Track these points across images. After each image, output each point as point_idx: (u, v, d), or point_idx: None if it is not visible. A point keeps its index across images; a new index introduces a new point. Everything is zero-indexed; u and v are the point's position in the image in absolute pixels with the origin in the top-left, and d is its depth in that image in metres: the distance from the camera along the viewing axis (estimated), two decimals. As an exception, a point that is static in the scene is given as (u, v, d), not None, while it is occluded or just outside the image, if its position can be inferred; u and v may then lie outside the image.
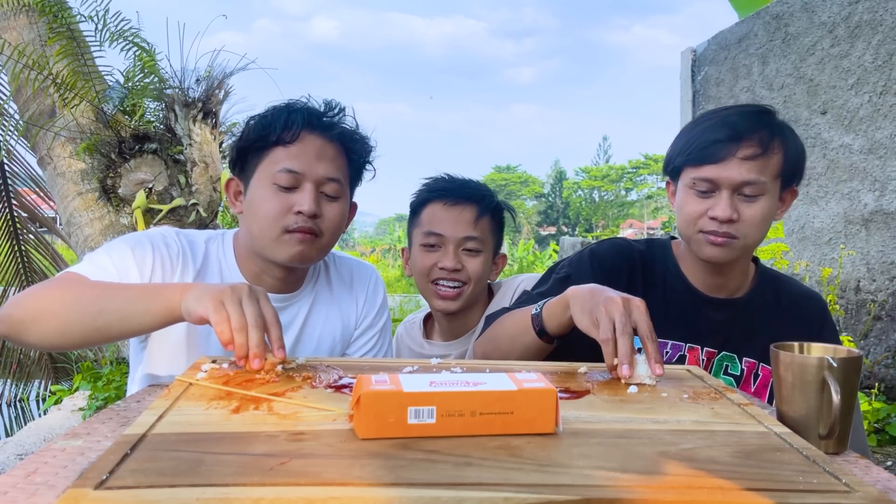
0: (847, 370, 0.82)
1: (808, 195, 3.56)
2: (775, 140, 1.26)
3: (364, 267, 1.51)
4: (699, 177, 1.27)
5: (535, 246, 19.07)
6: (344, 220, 1.34)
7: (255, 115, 1.33)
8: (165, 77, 3.06)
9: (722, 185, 1.25)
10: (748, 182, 1.24)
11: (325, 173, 1.27)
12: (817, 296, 1.45)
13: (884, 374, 3.09)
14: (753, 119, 1.27)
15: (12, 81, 3.04)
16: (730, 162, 1.24)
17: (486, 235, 1.67)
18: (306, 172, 1.26)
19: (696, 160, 1.27)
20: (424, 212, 1.68)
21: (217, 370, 0.93)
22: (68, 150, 3.12)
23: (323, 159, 1.27)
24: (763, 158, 1.24)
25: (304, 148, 1.27)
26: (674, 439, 0.73)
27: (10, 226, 3.91)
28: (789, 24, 3.71)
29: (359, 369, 0.97)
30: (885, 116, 3.13)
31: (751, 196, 1.25)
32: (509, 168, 55.69)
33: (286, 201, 1.25)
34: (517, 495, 0.57)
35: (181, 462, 0.61)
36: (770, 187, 1.26)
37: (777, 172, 1.27)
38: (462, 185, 1.70)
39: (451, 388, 0.72)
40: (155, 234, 1.32)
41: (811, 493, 0.60)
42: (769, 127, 1.27)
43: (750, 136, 1.24)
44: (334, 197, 1.30)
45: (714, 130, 1.27)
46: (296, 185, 1.26)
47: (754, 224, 1.27)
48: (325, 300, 1.43)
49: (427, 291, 1.69)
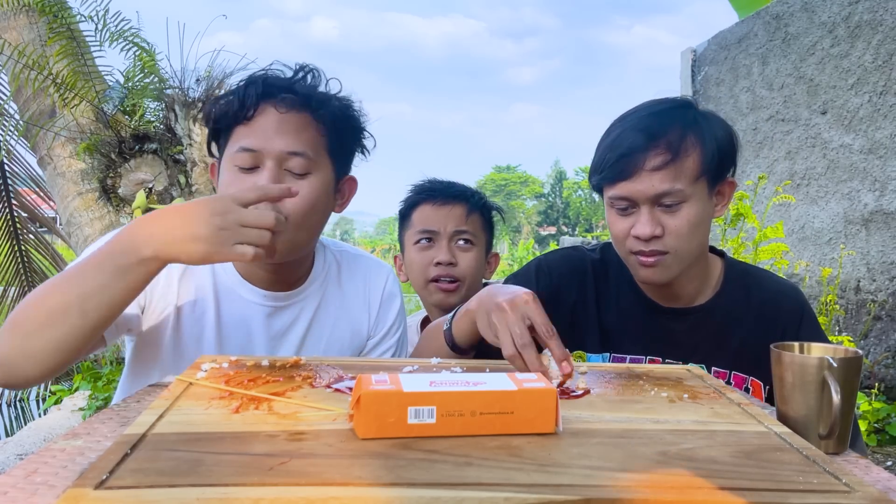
0: (847, 370, 0.82)
1: (808, 195, 3.56)
2: (687, 139, 1.15)
3: (379, 268, 1.39)
4: (614, 195, 1.18)
5: (535, 246, 19.06)
6: (319, 201, 1.18)
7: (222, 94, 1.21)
8: (165, 77, 3.06)
9: (638, 200, 1.17)
10: (663, 193, 1.15)
11: (286, 147, 1.13)
12: (792, 290, 1.32)
13: (884, 374, 3.09)
14: (660, 120, 1.17)
15: (12, 81, 3.04)
16: (639, 176, 1.15)
17: (478, 230, 1.69)
18: (263, 149, 1.13)
19: (609, 178, 1.19)
20: (415, 214, 1.70)
21: (217, 370, 0.93)
22: (68, 150, 3.12)
23: (284, 132, 1.14)
24: (674, 165, 1.14)
25: (263, 122, 1.14)
26: (674, 439, 0.73)
27: (10, 226, 3.91)
28: (789, 24, 3.71)
29: (359, 369, 0.97)
30: (885, 116, 3.13)
31: (671, 206, 1.16)
32: (509, 168, 55.70)
33: (244, 184, 1.12)
34: (517, 495, 0.57)
35: (181, 462, 0.61)
36: (691, 192, 1.16)
37: (696, 174, 1.16)
38: (449, 185, 1.73)
39: (451, 387, 0.72)
40: None
41: (811, 493, 0.60)
42: (679, 125, 1.16)
43: (656, 142, 1.14)
44: (301, 173, 1.15)
45: (619, 142, 1.17)
46: (256, 165, 1.14)
47: (682, 235, 1.17)
48: (335, 302, 1.31)
49: (425, 291, 1.69)
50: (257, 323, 1.25)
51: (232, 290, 1.24)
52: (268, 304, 1.25)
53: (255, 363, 0.98)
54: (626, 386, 0.95)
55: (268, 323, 1.25)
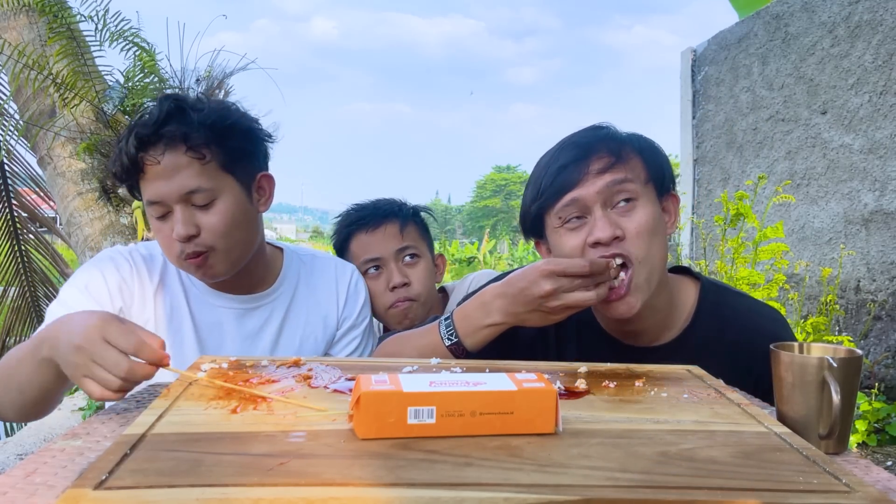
0: (847, 370, 0.82)
1: (808, 195, 3.56)
2: (625, 147, 1.13)
3: (345, 266, 1.51)
4: (562, 204, 1.12)
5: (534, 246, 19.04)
6: (234, 218, 1.23)
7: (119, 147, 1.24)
8: (165, 77, 3.05)
9: (589, 201, 1.10)
10: (615, 187, 1.10)
11: (181, 189, 1.19)
12: (770, 327, 1.19)
13: (884, 374, 3.08)
14: (591, 136, 1.16)
15: (12, 81, 3.04)
16: (586, 179, 1.10)
17: (418, 242, 1.70)
18: (164, 197, 1.19)
19: (552, 195, 1.12)
20: (352, 245, 1.69)
21: (217, 370, 0.93)
22: (68, 150, 3.12)
23: (174, 174, 1.18)
24: (620, 164, 1.11)
25: (153, 173, 1.19)
26: (674, 439, 0.73)
27: (10, 226, 3.90)
28: (789, 24, 3.71)
29: (359, 369, 0.97)
30: (885, 116, 3.12)
31: (626, 202, 1.11)
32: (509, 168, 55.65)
33: (167, 230, 1.21)
34: (517, 495, 0.57)
35: (180, 462, 0.61)
36: (643, 191, 1.12)
37: (643, 177, 1.13)
38: (375, 206, 1.72)
39: (450, 388, 0.72)
40: (104, 260, 1.30)
41: (811, 493, 0.60)
42: (613, 138, 1.15)
43: (597, 149, 1.12)
44: (205, 204, 1.21)
45: (556, 161, 1.14)
46: (167, 211, 1.21)
47: (642, 235, 1.10)
48: (305, 300, 1.42)
49: (387, 317, 1.68)
50: (229, 324, 1.35)
51: (202, 299, 1.34)
52: (237, 306, 1.36)
53: (254, 363, 0.98)
54: (625, 386, 0.95)
55: (239, 323, 1.36)
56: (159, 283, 1.32)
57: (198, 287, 1.34)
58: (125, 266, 1.30)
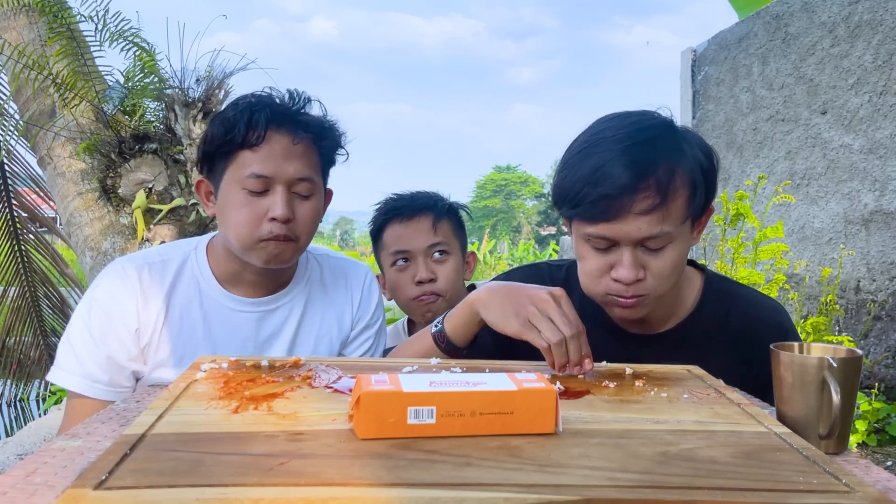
0: (847, 370, 0.82)
1: (808, 195, 3.56)
2: (676, 179, 1.05)
3: (358, 267, 1.51)
4: (594, 234, 1.08)
5: (535, 246, 19.06)
6: (319, 216, 1.31)
7: (218, 115, 1.26)
8: (165, 77, 3.05)
9: (621, 242, 1.07)
10: (651, 237, 1.06)
11: (296, 173, 1.23)
12: (773, 316, 1.22)
13: (884, 374, 3.08)
14: (646, 153, 1.04)
15: (12, 81, 3.04)
16: (626, 219, 1.04)
17: (450, 238, 1.70)
18: (276, 175, 1.21)
19: (587, 216, 1.07)
20: (385, 234, 1.70)
21: (217, 370, 0.93)
22: (68, 150, 3.12)
23: (292, 158, 1.23)
24: (664, 208, 1.04)
25: (272, 149, 1.21)
26: (674, 439, 0.73)
27: (10, 226, 3.90)
28: (789, 24, 3.71)
29: (359, 369, 0.97)
30: (885, 116, 3.13)
31: (656, 248, 1.07)
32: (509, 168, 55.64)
33: (258, 207, 1.22)
34: (517, 495, 0.57)
35: (180, 462, 0.61)
36: (677, 233, 1.08)
37: (683, 216, 1.08)
38: (412, 198, 1.73)
39: (451, 388, 0.72)
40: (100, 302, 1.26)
41: (811, 493, 0.60)
42: (667, 160, 1.05)
43: (645, 181, 1.03)
44: (307, 196, 1.26)
45: (602, 178, 1.04)
46: (266, 189, 1.22)
47: (664, 277, 1.09)
48: (320, 300, 1.42)
49: (410, 309, 1.71)
50: (248, 328, 1.33)
51: (218, 304, 1.32)
52: (255, 310, 1.34)
53: (254, 363, 0.98)
54: (625, 386, 0.95)
55: (258, 328, 1.34)
56: (170, 290, 1.29)
57: (214, 290, 1.32)
58: (127, 285, 1.27)
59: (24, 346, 4.17)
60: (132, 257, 1.33)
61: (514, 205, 53.62)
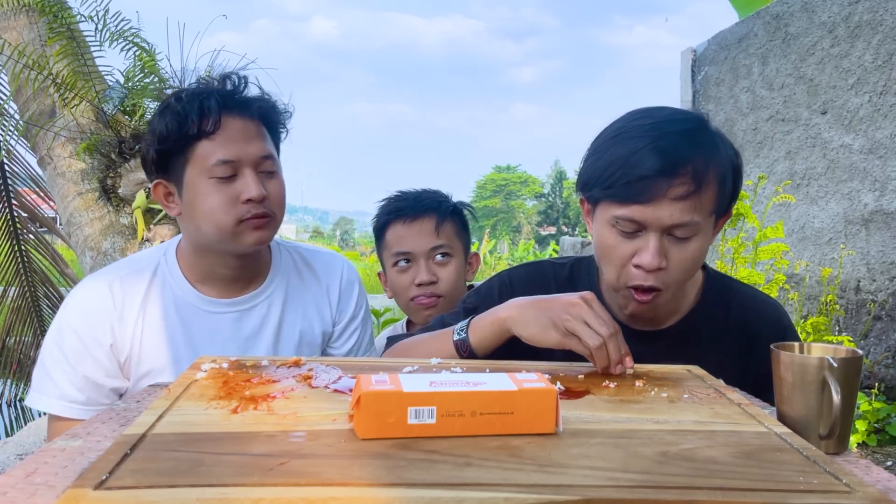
0: (847, 370, 0.82)
1: (808, 195, 3.56)
2: (710, 171, 1.07)
3: (333, 258, 1.50)
4: (624, 216, 1.07)
5: (535, 246, 19.06)
6: (285, 192, 1.32)
7: (163, 112, 1.25)
8: (165, 77, 3.05)
9: (650, 227, 1.07)
10: (681, 224, 1.06)
11: (259, 152, 1.24)
12: (773, 313, 1.24)
13: (884, 374, 3.08)
14: (686, 143, 1.06)
15: (12, 81, 3.04)
16: (660, 203, 1.05)
17: (453, 240, 1.68)
18: (241, 158, 1.22)
19: (620, 197, 1.07)
20: (388, 234, 1.69)
21: (217, 370, 0.93)
22: (68, 150, 3.12)
23: (251, 139, 1.24)
24: (696, 196, 1.06)
25: (230, 133, 1.22)
26: (674, 439, 0.73)
27: (10, 226, 3.90)
28: (789, 24, 3.71)
29: (359, 369, 0.97)
30: (885, 116, 3.12)
31: (683, 238, 1.08)
32: (509, 168, 55.63)
33: (230, 192, 1.22)
34: (517, 495, 0.57)
35: (181, 462, 0.61)
36: (704, 225, 1.09)
37: (711, 209, 1.09)
38: (417, 198, 1.70)
39: (451, 388, 0.72)
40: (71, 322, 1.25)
41: (811, 494, 0.60)
42: (704, 151, 1.07)
43: (684, 167, 1.04)
44: (272, 172, 1.27)
45: (638, 162, 1.06)
46: (234, 173, 1.22)
47: (685, 269, 1.11)
48: (299, 295, 1.40)
49: (409, 308, 1.70)
50: (227, 329, 1.32)
51: (195, 308, 1.31)
52: (232, 310, 1.33)
53: (254, 363, 0.98)
54: (625, 386, 0.95)
55: (238, 327, 1.33)
56: (144, 299, 1.28)
57: (190, 297, 1.31)
58: (98, 302, 1.26)
59: (24, 346, 4.17)
60: (102, 272, 1.32)
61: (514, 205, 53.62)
